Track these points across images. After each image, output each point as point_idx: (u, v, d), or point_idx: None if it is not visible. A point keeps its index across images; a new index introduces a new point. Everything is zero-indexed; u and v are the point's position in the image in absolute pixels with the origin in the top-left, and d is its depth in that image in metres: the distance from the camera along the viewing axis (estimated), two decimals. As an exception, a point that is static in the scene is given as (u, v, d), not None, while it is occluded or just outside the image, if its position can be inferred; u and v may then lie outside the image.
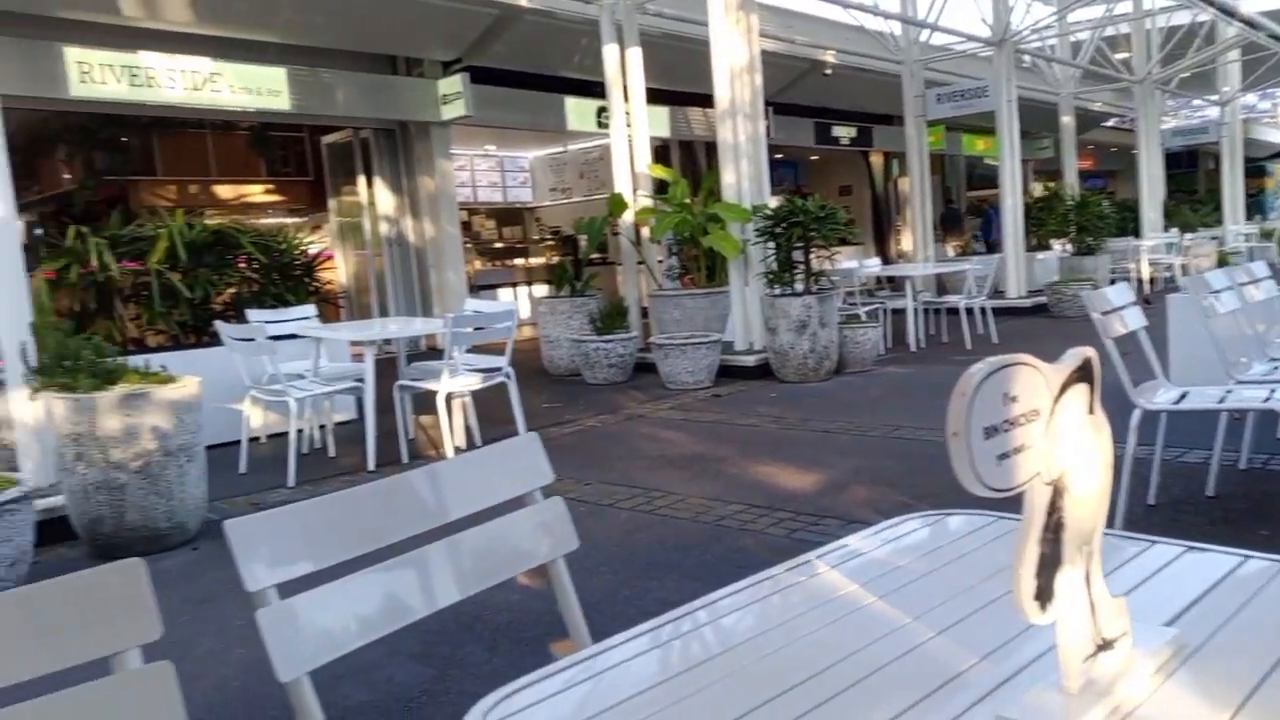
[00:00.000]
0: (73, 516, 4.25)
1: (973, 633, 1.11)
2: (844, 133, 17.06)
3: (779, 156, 16.70)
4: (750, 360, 8.15)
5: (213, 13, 8.84)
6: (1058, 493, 0.86)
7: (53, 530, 4.24)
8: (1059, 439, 0.85)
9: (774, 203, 8.35)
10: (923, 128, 13.81)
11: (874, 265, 11.46)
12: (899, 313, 9.81)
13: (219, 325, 5.58)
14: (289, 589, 1.22)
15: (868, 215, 19.57)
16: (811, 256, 7.87)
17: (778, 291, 7.88)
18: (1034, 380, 0.82)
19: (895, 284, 12.09)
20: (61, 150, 11.42)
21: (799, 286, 7.87)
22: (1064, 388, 0.85)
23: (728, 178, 8.27)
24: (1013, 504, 0.92)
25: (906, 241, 17.45)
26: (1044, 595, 0.85)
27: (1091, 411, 0.90)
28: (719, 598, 1.24)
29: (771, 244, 7.88)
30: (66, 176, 11.61)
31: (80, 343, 4.29)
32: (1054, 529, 0.86)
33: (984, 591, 1.22)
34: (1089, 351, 0.88)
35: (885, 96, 14.81)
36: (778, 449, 5.55)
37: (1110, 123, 22.97)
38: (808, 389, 7.51)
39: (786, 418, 6.41)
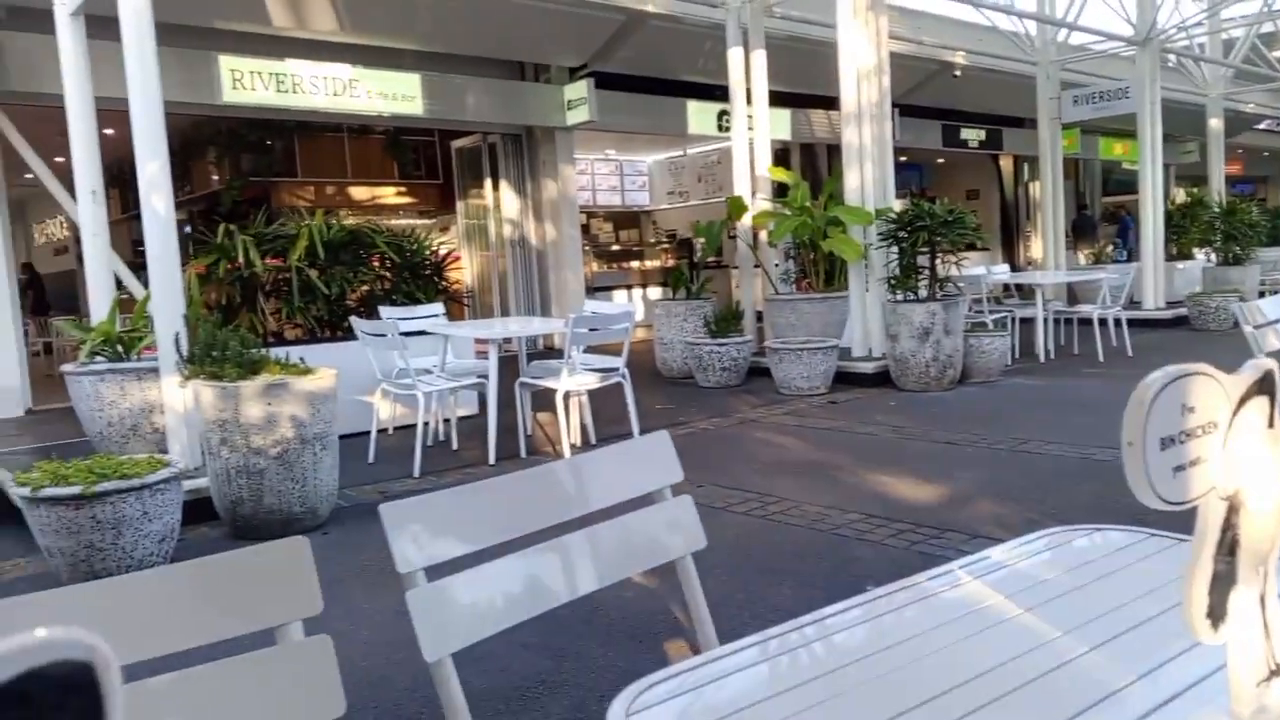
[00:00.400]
0: (215, 498, 4.50)
1: (1127, 650, 1.06)
2: (972, 135, 16.56)
3: (903, 159, 16.32)
4: (869, 367, 8.00)
5: (355, 21, 9.24)
6: (1233, 509, 0.82)
7: (196, 510, 4.49)
8: (1236, 453, 0.81)
9: (898, 206, 8.18)
10: (1057, 130, 13.28)
11: (1002, 272, 11.07)
12: (1028, 322, 9.46)
13: (354, 320, 5.82)
14: (436, 572, 1.26)
15: (996, 220, 18.94)
16: (937, 262, 7.67)
17: (900, 297, 7.71)
18: (1212, 391, 0.79)
19: (1024, 292, 11.67)
20: (211, 153, 12.13)
21: (923, 292, 7.68)
22: (1243, 400, 0.81)
23: (851, 180, 8.14)
24: (1165, 522, 0.87)
25: (1036, 248, 16.83)
26: (1216, 614, 0.81)
27: (1271, 425, 0.85)
28: (857, 603, 1.23)
29: (895, 248, 7.72)
30: (214, 178, 12.32)
31: (228, 334, 4.54)
32: (1228, 546, 0.82)
33: (1138, 609, 1.17)
34: (1270, 363, 0.83)
35: (1017, 98, 14.31)
36: (897, 459, 5.43)
37: (1263, 125, 21.55)
38: (929, 398, 7.32)
39: (906, 427, 6.27)
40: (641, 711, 0.93)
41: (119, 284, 6.40)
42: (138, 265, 7.95)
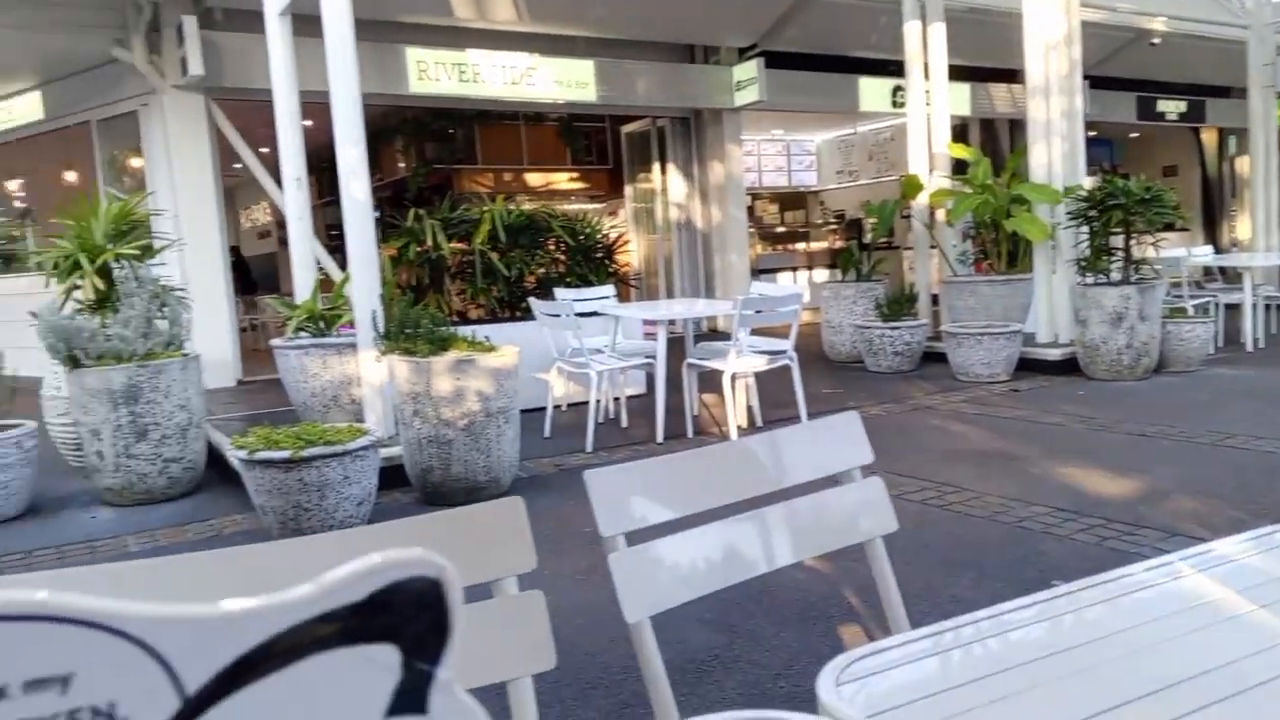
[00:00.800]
0: (407, 465, 4.78)
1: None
2: (1171, 107, 15.34)
3: (1092, 134, 15.29)
4: (1055, 354, 7.60)
5: (532, 11, 9.51)
6: None
7: (389, 476, 4.78)
8: None
9: (1088, 183, 7.71)
10: (1271, 100, 12.11)
11: (1204, 254, 10.25)
12: (1233, 308, 8.73)
13: (532, 301, 6.04)
14: (636, 538, 1.31)
15: (1196, 198, 17.51)
16: (1132, 243, 7.19)
17: (1090, 280, 7.28)
18: None
19: (1229, 275, 10.76)
20: (398, 141, 12.80)
21: (1116, 275, 7.22)
22: None
23: (1037, 157, 7.73)
24: None
25: (1243, 228, 15.45)
26: None
27: None
28: (1077, 589, 1.19)
29: (1085, 228, 7.28)
30: (400, 165, 12.99)
31: (420, 312, 4.81)
32: None
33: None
34: None
35: (1223, 66, 13.14)
36: (1086, 451, 5.15)
37: None
38: (1121, 388, 6.88)
39: (1096, 418, 5.93)
40: (850, 683, 0.94)
41: (318, 265, 6.87)
42: (331, 248, 8.53)
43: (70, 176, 10.50)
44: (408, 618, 0.34)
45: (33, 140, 10.32)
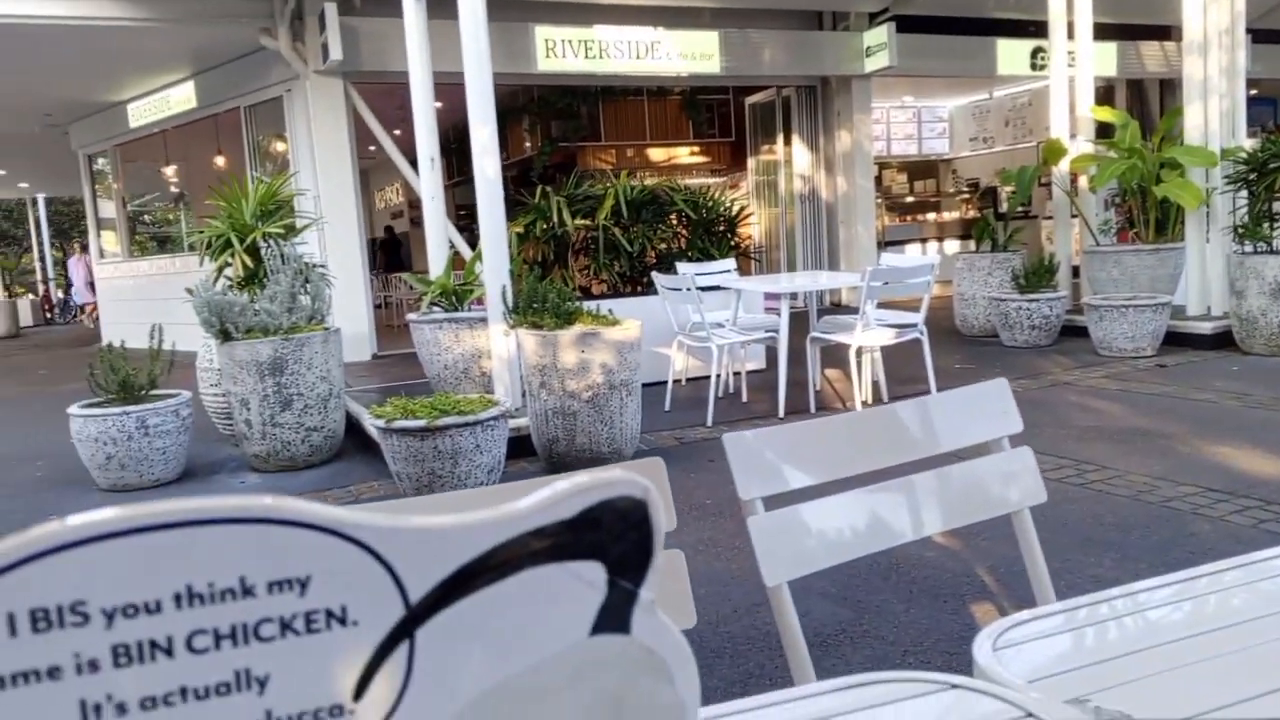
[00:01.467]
0: (533, 436, 4.90)
1: None
2: (1346, 61, 14.08)
3: (1253, 93, 14.22)
4: (1206, 327, 7.15)
5: (656, -17, 9.48)
6: None
7: (516, 446, 4.91)
8: None
9: (1249, 145, 7.19)
10: None
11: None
12: None
13: (654, 275, 6.06)
14: (774, 503, 1.31)
15: (1372, 161, 16.07)
16: (1297, 208, 6.69)
17: (1249, 248, 6.80)
18: None
19: None
20: (524, 120, 13.00)
21: (1278, 244, 6.72)
22: None
23: (1192, 118, 7.25)
24: None
25: None
26: None
27: None
28: (1219, 570, 1.13)
29: (1244, 193, 6.80)
30: (527, 144, 13.21)
31: (546, 287, 4.90)
32: None
33: None
34: None
35: None
36: (1241, 429, 4.84)
37: None
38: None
39: (1252, 395, 5.56)
40: (1006, 648, 0.92)
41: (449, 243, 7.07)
42: (458, 227, 8.75)
43: (220, 161, 11.14)
44: (614, 536, 0.36)
45: (186, 128, 10.99)
